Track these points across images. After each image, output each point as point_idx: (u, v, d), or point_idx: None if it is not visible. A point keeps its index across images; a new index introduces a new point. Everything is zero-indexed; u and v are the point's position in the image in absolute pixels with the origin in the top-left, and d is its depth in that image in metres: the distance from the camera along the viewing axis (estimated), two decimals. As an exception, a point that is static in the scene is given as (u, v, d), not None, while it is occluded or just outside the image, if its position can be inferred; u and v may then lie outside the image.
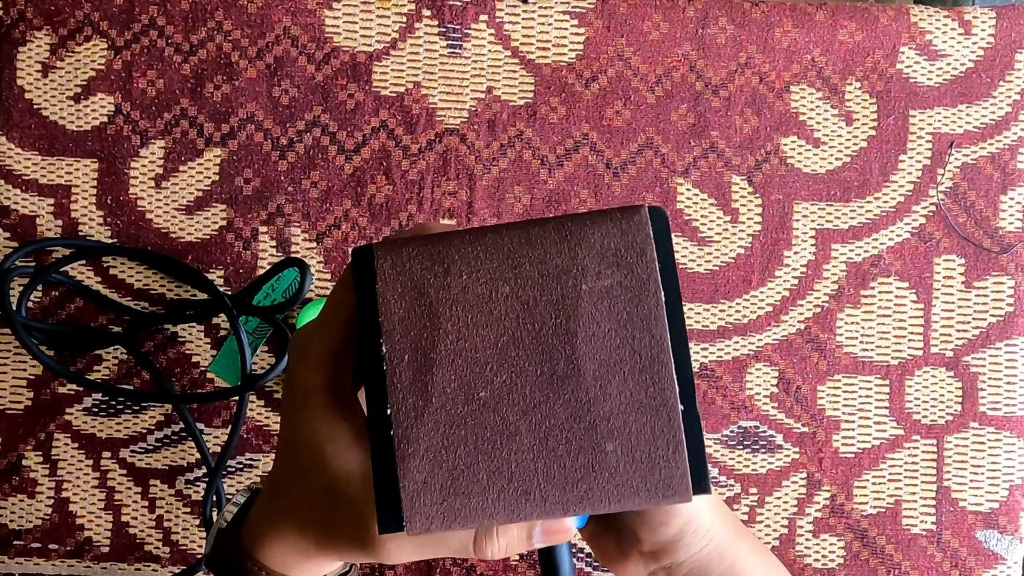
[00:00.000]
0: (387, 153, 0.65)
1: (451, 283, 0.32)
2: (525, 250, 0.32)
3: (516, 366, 0.31)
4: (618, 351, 0.31)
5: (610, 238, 0.31)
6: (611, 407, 0.31)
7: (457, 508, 0.31)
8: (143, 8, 0.65)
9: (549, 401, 0.31)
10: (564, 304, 0.31)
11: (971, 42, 0.66)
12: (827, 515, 0.65)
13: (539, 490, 0.31)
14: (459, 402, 0.31)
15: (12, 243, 0.64)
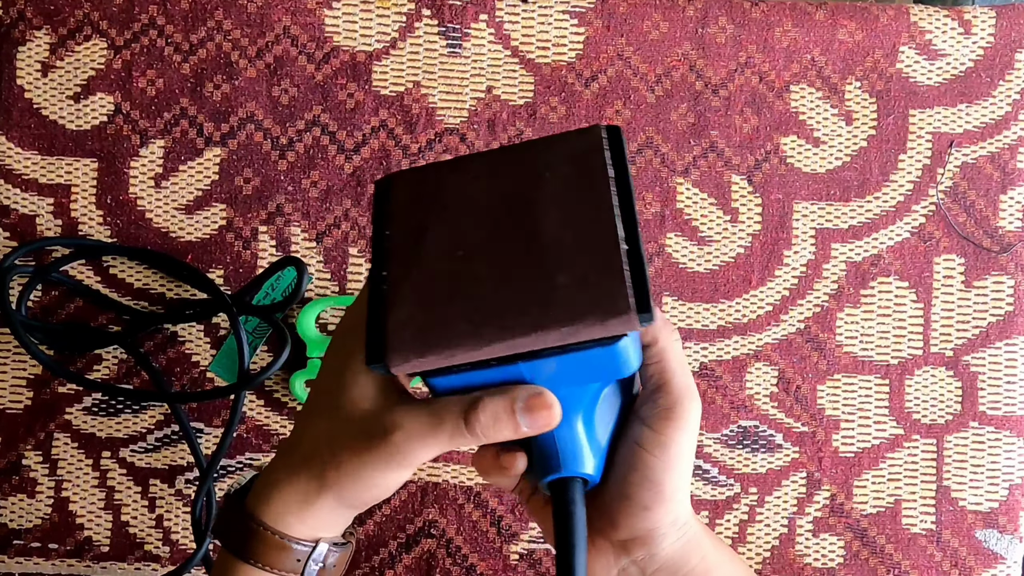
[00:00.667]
0: (387, 153, 0.65)
1: (444, 183, 0.39)
2: (502, 157, 0.39)
3: (487, 229, 0.37)
4: (573, 210, 0.36)
5: (570, 144, 0.38)
6: (563, 251, 0.35)
7: (431, 339, 0.35)
8: (143, 8, 0.65)
9: (511, 251, 0.36)
10: (530, 188, 0.37)
11: (971, 42, 0.66)
12: (827, 514, 0.65)
13: (500, 318, 0.34)
14: (441, 261, 0.37)
15: (12, 242, 0.64)
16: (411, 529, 0.64)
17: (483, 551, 0.64)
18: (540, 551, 0.65)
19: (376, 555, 0.64)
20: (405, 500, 0.64)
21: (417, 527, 0.64)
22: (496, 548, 0.64)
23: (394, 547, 0.64)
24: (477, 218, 0.37)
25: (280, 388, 0.64)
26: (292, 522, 0.40)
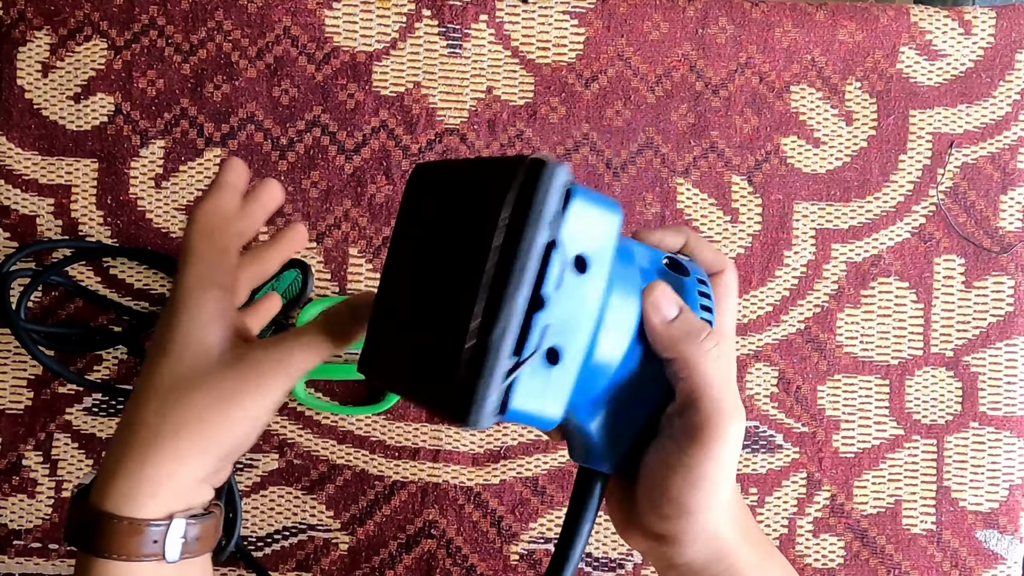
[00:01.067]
0: (387, 153, 0.65)
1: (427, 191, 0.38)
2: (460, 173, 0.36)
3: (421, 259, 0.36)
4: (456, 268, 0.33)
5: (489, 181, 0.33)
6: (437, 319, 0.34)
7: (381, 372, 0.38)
8: (143, 8, 0.65)
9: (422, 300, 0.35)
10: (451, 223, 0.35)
11: (971, 42, 0.66)
12: (827, 515, 0.65)
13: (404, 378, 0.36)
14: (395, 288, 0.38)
15: (12, 243, 0.64)
16: (411, 529, 0.64)
17: (483, 551, 0.64)
18: (540, 551, 0.65)
19: (376, 555, 0.64)
20: (405, 500, 0.64)
21: (417, 527, 0.64)
22: (496, 548, 0.64)
23: (394, 547, 0.64)
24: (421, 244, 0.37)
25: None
26: (143, 502, 0.38)
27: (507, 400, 0.32)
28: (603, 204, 0.33)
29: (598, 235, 0.33)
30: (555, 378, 0.33)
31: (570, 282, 0.32)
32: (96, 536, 0.37)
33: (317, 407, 0.64)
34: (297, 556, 0.64)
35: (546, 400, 0.33)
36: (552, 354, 0.33)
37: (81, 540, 0.38)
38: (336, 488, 0.64)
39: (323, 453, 0.64)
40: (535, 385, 0.33)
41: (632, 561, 0.65)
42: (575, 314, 0.33)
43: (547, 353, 0.33)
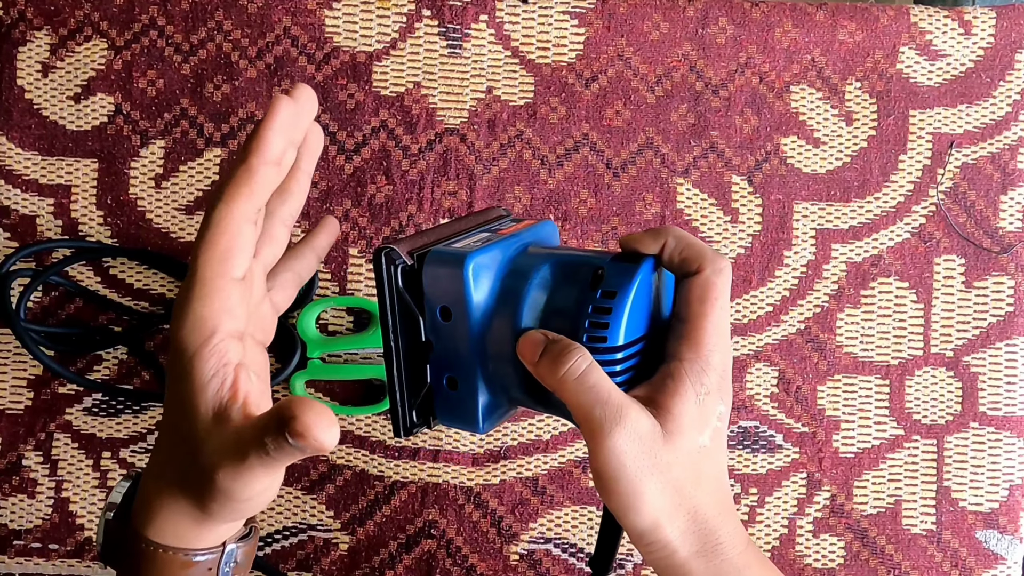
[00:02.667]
0: (387, 153, 0.65)
1: None
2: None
3: None
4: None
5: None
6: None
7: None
8: (143, 8, 0.65)
9: None
10: None
11: (971, 42, 0.66)
12: (827, 515, 0.65)
13: None
14: None
15: (12, 243, 0.64)
16: (411, 529, 0.64)
17: (483, 551, 0.64)
18: (540, 551, 0.65)
19: (376, 555, 0.64)
20: (405, 500, 0.64)
21: (417, 527, 0.64)
22: (496, 548, 0.64)
23: (394, 547, 0.64)
24: None
25: (280, 388, 0.64)
26: (190, 537, 0.37)
27: (431, 416, 0.45)
28: (447, 266, 0.41)
29: (451, 289, 0.41)
30: (461, 399, 0.43)
31: (442, 329, 0.42)
32: (145, 565, 0.37)
33: (317, 407, 0.64)
34: (297, 556, 0.64)
35: (463, 414, 0.43)
36: (452, 382, 0.43)
37: (125, 567, 0.38)
38: (336, 488, 0.64)
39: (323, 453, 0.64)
40: (450, 405, 0.44)
41: (632, 561, 0.65)
42: (456, 350, 0.42)
43: (448, 382, 0.43)
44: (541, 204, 0.65)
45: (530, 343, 0.41)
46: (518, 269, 0.42)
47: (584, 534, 0.65)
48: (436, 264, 0.41)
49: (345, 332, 0.65)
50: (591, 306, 0.40)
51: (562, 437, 0.65)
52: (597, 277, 0.41)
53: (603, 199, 0.66)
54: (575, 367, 0.39)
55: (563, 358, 0.39)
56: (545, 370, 0.39)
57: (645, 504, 0.39)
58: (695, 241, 0.41)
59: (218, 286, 0.35)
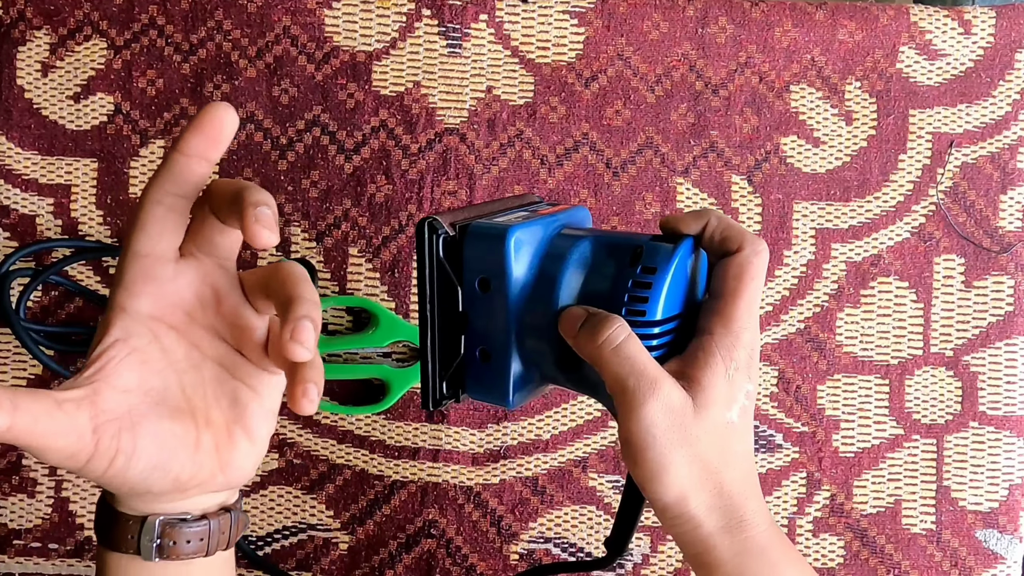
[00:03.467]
0: (387, 153, 0.65)
1: None
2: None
3: None
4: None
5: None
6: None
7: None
8: (143, 8, 0.65)
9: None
10: None
11: (971, 42, 0.66)
12: (827, 515, 0.65)
13: None
14: None
15: (12, 243, 0.64)
16: (411, 529, 0.64)
17: (483, 551, 0.64)
18: (540, 551, 0.65)
19: (376, 555, 0.64)
20: (405, 500, 0.64)
21: (417, 527, 0.64)
22: (496, 548, 0.64)
23: (394, 547, 0.64)
24: None
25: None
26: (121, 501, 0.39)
27: (461, 389, 0.45)
28: (490, 234, 0.42)
29: (492, 260, 0.42)
30: (493, 371, 0.43)
31: (479, 300, 0.42)
32: (99, 523, 0.40)
33: (317, 407, 0.64)
34: (297, 556, 0.64)
35: (492, 387, 0.44)
36: (484, 355, 0.43)
37: (107, 534, 0.40)
38: (336, 488, 0.64)
39: (323, 453, 0.64)
40: (481, 378, 0.44)
41: (632, 561, 0.65)
42: (491, 323, 0.43)
43: (481, 354, 0.43)
44: (541, 204, 0.65)
45: (571, 317, 0.41)
46: (557, 246, 0.43)
47: (584, 534, 0.65)
48: (478, 235, 0.42)
49: (345, 332, 0.65)
50: (631, 281, 0.41)
51: (562, 437, 0.65)
52: (637, 254, 0.42)
53: (603, 199, 0.66)
54: (613, 336, 0.40)
55: (602, 327, 0.40)
56: (584, 339, 0.40)
57: (672, 476, 0.39)
58: (736, 223, 0.42)
59: (122, 264, 0.37)
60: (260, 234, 0.33)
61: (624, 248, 0.42)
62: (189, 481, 0.38)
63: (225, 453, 0.39)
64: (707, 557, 0.41)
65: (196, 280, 0.38)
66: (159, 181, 0.36)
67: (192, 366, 0.38)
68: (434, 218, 0.42)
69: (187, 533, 0.39)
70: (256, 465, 0.40)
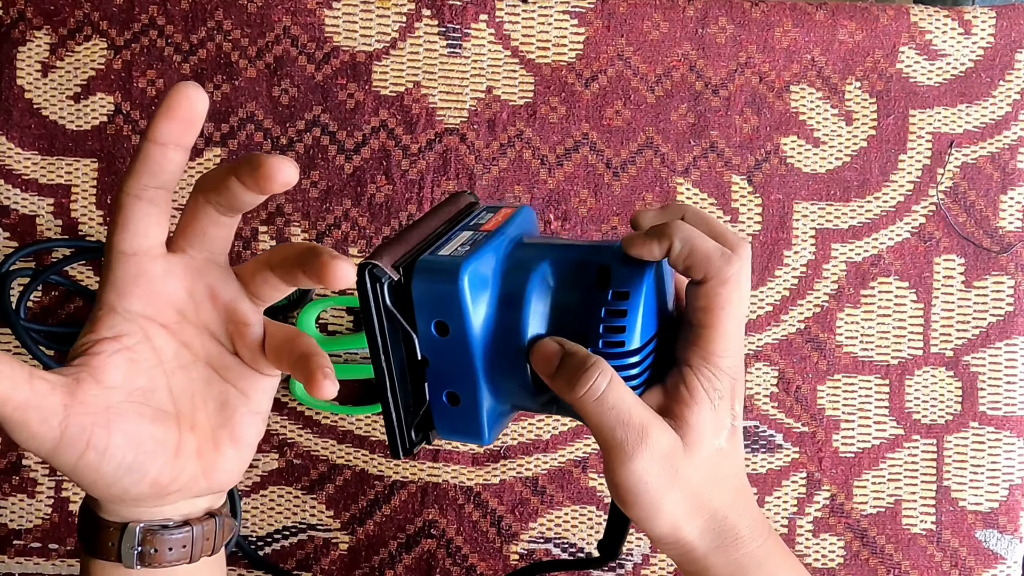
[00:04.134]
0: (387, 153, 0.65)
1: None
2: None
3: None
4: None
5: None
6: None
7: None
8: (143, 8, 0.65)
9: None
10: None
11: (971, 42, 0.66)
12: (827, 515, 0.65)
13: None
14: None
15: (12, 243, 0.64)
16: (411, 529, 0.64)
17: (483, 551, 0.64)
18: (540, 551, 0.65)
19: (376, 555, 0.64)
20: (405, 500, 0.64)
21: (417, 527, 0.64)
22: (496, 548, 0.64)
23: (394, 547, 0.64)
24: None
25: (280, 388, 0.64)
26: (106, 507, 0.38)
27: (428, 433, 0.43)
28: (439, 277, 0.38)
29: (446, 302, 0.38)
30: (464, 413, 0.41)
31: (439, 344, 0.39)
32: (81, 525, 0.39)
33: (317, 407, 0.64)
34: (297, 556, 0.64)
35: (466, 429, 0.41)
36: (452, 397, 0.41)
37: (88, 539, 0.39)
38: (336, 488, 0.64)
39: (323, 453, 0.64)
40: (452, 421, 0.41)
41: (632, 561, 0.65)
42: (456, 366, 0.39)
43: (449, 397, 0.41)
44: (541, 204, 0.65)
45: (544, 355, 0.39)
46: (514, 269, 0.40)
47: (584, 534, 0.65)
48: (426, 277, 0.38)
49: (345, 332, 0.65)
50: (603, 309, 0.39)
51: (562, 437, 0.65)
52: (604, 274, 0.39)
53: (603, 199, 0.66)
54: (596, 387, 0.38)
55: (583, 377, 0.38)
56: (563, 387, 0.39)
57: (665, 514, 0.39)
58: (700, 246, 0.38)
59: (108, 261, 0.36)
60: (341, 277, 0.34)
61: (588, 265, 0.40)
62: (169, 486, 0.37)
63: (208, 458, 0.38)
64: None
65: (188, 276, 0.37)
66: (135, 174, 0.35)
67: (181, 367, 0.37)
68: (373, 264, 0.38)
69: (169, 540, 0.38)
70: (242, 470, 0.39)
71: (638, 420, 0.38)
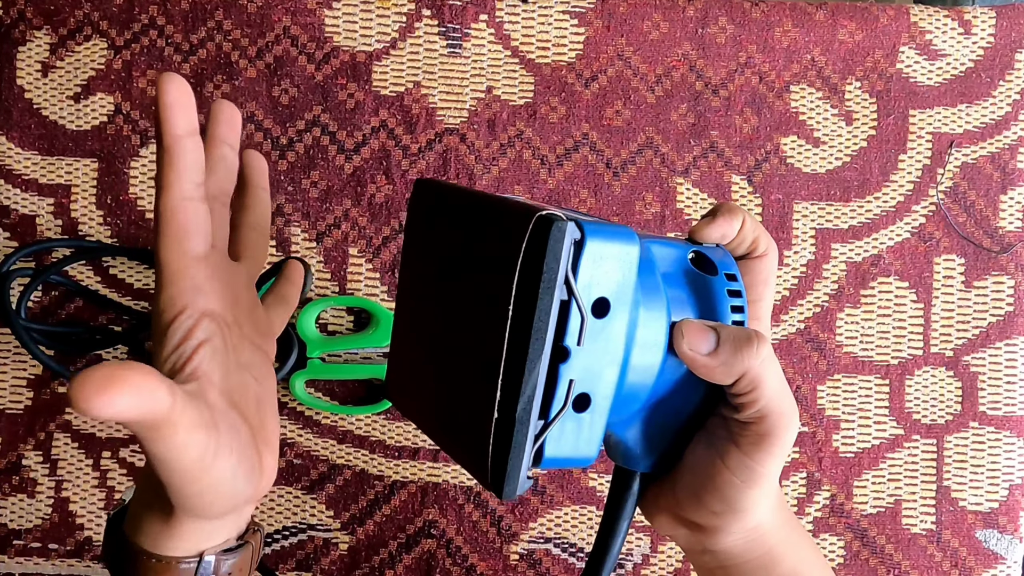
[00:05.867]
0: (387, 153, 0.65)
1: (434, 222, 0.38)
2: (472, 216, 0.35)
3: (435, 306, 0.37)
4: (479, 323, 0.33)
5: (499, 242, 0.32)
6: (466, 384, 0.33)
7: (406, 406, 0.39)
8: (143, 8, 0.65)
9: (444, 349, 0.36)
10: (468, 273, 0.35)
11: (971, 42, 0.66)
12: (827, 515, 0.65)
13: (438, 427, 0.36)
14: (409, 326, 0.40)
15: (12, 243, 0.64)
16: (411, 529, 0.64)
17: (483, 551, 0.64)
18: (540, 551, 0.65)
19: (376, 555, 0.64)
20: (405, 500, 0.64)
21: (417, 527, 0.64)
22: (496, 548, 0.64)
23: (394, 547, 0.64)
24: (438, 281, 0.37)
25: (280, 388, 0.64)
26: (173, 544, 0.36)
27: (540, 454, 0.33)
28: (617, 239, 0.32)
29: (616, 273, 0.32)
30: (586, 422, 0.33)
31: (592, 329, 0.32)
32: (130, 568, 0.37)
33: (317, 407, 0.64)
34: (297, 556, 0.64)
35: (579, 444, 0.34)
36: (581, 401, 0.33)
37: (116, 568, 0.38)
38: (336, 488, 0.64)
39: (323, 453, 0.64)
40: (567, 433, 0.33)
41: (632, 561, 0.65)
42: (600, 357, 0.33)
43: (576, 401, 0.33)
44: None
45: (699, 333, 0.36)
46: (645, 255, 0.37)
47: (584, 534, 0.65)
48: (603, 241, 0.31)
49: (345, 332, 0.65)
50: (726, 290, 0.37)
51: (562, 437, 0.65)
52: (703, 261, 0.38)
53: (603, 199, 0.66)
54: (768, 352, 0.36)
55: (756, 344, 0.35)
56: (729, 357, 0.35)
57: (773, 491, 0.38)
58: (758, 224, 0.40)
59: (181, 267, 0.35)
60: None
61: (678, 253, 0.38)
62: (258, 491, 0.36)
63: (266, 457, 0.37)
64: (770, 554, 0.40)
65: (248, 279, 0.38)
66: (178, 175, 0.34)
67: (237, 366, 0.37)
68: (556, 216, 0.30)
69: (239, 561, 0.38)
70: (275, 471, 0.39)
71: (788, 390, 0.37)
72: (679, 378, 0.37)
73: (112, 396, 0.27)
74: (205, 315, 0.35)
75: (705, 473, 0.38)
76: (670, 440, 0.39)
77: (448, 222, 0.37)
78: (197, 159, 0.35)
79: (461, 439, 0.34)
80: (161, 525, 0.36)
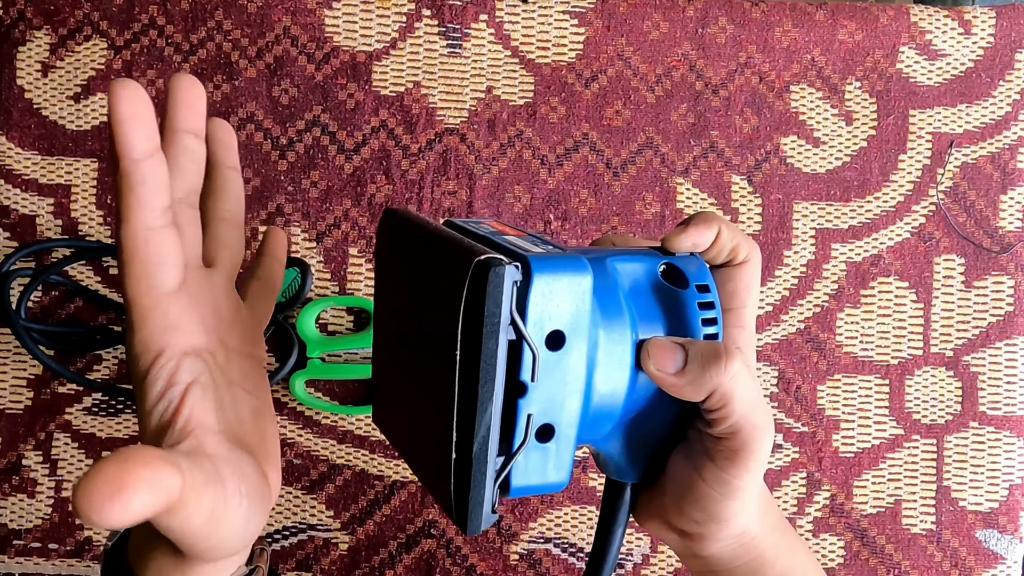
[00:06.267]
0: (387, 153, 0.65)
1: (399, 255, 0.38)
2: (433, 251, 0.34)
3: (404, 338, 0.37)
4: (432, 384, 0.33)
5: (445, 283, 0.32)
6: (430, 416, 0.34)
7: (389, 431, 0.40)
8: (143, 8, 0.65)
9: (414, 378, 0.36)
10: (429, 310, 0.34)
11: (971, 42, 0.66)
12: (827, 515, 0.65)
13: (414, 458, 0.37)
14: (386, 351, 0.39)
15: (12, 243, 0.64)
16: (411, 529, 0.64)
17: (483, 551, 0.64)
18: (540, 551, 0.65)
19: (376, 555, 0.64)
20: (405, 500, 0.64)
21: (417, 527, 0.64)
22: (496, 548, 0.64)
23: (394, 547, 0.64)
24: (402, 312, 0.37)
25: (280, 388, 0.64)
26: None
27: (507, 485, 0.33)
28: (566, 271, 0.31)
29: (568, 305, 0.32)
30: (552, 451, 0.33)
31: (547, 362, 0.32)
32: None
33: (317, 407, 0.64)
34: (297, 556, 0.64)
35: (547, 472, 0.34)
36: (545, 431, 0.33)
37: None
38: (336, 488, 0.64)
39: (323, 453, 0.64)
40: (533, 463, 0.33)
41: (632, 561, 0.65)
42: (560, 388, 0.33)
43: (538, 432, 0.33)
44: (541, 204, 0.65)
45: (665, 351, 0.35)
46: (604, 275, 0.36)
47: (584, 534, 0.65)
48: (551, 275, 0.31)
49: (345, 332, 0.65)
50: (696, 303, 0.37)
51: (562, 437, 0.65)
52: (674, 273, 0.37)
53: (603, 199, 0.66)
54: (738, 367, 0.34)
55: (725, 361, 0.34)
56: (697, 375, 0.34)
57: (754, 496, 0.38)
58: (738, 230, 0.39)
59: (150, 304, 0.32)
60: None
61: (647, 266, 0.37)
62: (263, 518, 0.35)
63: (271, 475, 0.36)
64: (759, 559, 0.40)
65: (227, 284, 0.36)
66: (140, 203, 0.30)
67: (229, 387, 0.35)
68: (495, 258, 0.30)
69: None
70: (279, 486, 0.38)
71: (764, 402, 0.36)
72: (652, 394, 0.37)
73: (126, 501, 0.25)
74: (187, 354, 0.33)
75: (684, 485, 0.37)
76: (654, 451, 0.39)
77: (405, 257, 0.37)
78: (161, 181, 0.31)
79: (428, 472, 0.35)
80: (171, 567, 0.34)
